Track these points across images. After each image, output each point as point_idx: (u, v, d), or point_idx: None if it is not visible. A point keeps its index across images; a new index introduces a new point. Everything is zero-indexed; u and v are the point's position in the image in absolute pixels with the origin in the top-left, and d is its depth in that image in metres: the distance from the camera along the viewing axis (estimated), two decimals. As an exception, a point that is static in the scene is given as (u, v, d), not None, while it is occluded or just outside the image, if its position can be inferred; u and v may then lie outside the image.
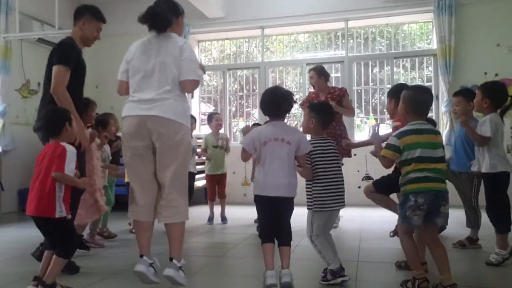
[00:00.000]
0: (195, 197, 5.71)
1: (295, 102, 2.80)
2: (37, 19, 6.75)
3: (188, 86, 2.51)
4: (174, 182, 2.49)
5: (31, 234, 4.02)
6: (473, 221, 3.81)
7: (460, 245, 3.76)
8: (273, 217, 2.63)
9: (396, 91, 3.07)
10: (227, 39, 8.34)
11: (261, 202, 2.65)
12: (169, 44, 2.51)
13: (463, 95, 3.85)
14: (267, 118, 2.81)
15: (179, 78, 2.49)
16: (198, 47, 8.46)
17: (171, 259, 2.48)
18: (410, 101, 2.66)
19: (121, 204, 4.38)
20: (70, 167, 2.50)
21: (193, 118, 5.14)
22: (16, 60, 6.47)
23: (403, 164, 2.61)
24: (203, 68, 2.84)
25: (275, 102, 2.67)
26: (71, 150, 2.53)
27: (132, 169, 2.54)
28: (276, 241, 2.63)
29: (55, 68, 2.93)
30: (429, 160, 2.54)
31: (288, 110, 2.73)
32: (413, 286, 2.56)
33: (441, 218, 2.56)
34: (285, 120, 2.91)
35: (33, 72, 6.83)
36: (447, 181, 2.67)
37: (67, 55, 2.99)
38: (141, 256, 2.51)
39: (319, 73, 4.91)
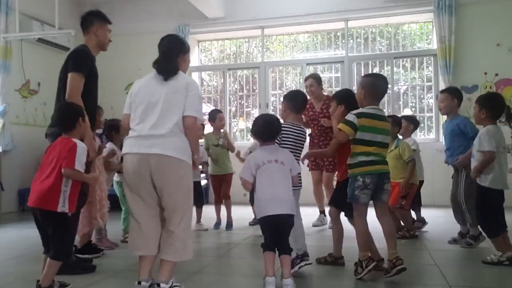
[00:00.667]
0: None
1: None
2: (37, 19, 6.76)
3: (187, 122, 2.48)
4: (177, 219, 2.48)
5: (31, 234, 4.03)
6: (462, 220, 3.88)
7: (467, 244, 3.76)
8: (276, 234, 2.66)
9: (347, 98, 3.11)
10: (227, 39, 8.34)
11: (267, 222, 2.67)
12: (175, 81, 2.51)
13: (449, 92, 4.01)
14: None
15: (182, 114, 2.48)
16: (198, 47, 8.46)
17: (158, 285, 2.43)
18: (369, 87, 2.89)
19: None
20: (80, 163, 2.54)
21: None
22: (16, 60, 6.48)
23: (355, 142, 2.82)
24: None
25: (266, 128, 2.78)
26: (82, 146, 2.59)
27: (134, 206, 2.53)
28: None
29: (70, 75, 3.00)
30: (378, 145, 2.80)
31: (277, 136, 2.85)
32: (362, 267, 2.79)
33: (385, 194, 2.88)
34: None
35: (33, 72, 6.84)
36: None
37: (82, 63, 3.08)
38: (139, 283, 2.48)
39: (319, 81, 4.99)
